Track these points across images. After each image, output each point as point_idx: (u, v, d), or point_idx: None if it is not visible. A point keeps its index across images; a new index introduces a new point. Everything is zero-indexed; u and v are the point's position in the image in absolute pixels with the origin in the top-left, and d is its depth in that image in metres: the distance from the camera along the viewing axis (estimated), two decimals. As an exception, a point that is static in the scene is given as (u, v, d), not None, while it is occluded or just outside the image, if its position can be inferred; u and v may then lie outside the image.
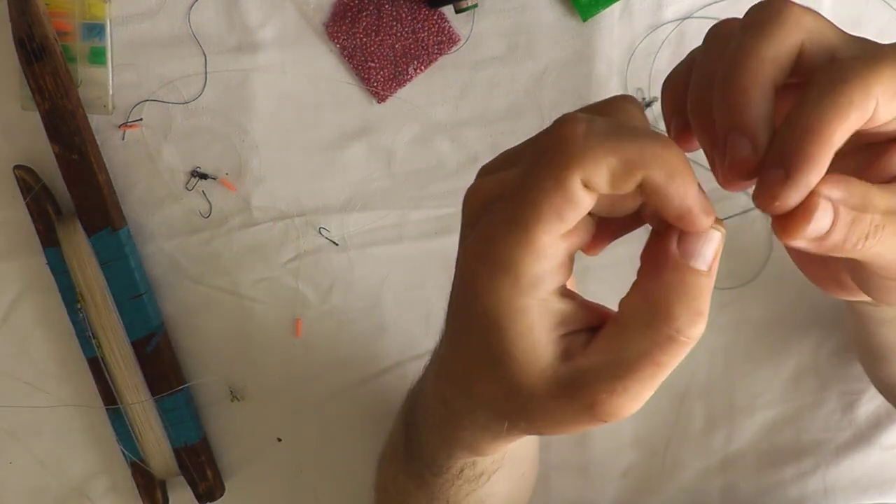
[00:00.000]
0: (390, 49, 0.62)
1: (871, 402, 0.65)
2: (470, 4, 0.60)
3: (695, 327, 0.29)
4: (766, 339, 0.65)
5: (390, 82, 0.62)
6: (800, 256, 0.38)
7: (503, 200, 0.29)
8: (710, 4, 0.61)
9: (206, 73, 0.62)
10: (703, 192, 0.28)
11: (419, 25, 0.62)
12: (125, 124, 0.63)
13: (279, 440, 0.66)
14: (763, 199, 0.28)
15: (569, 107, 0.62)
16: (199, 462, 0.64)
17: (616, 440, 0.66)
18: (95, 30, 0.62)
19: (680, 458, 0.66)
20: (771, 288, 0.64)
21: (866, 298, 0.35)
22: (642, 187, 0.28)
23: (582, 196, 0.27)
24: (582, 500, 0.66)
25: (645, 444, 0.66)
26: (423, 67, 0.62)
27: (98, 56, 0.62)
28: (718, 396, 0.65)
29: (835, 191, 0.28)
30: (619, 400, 0.29)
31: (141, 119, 0.63)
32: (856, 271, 0.34)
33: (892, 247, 0.30)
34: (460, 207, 0.32)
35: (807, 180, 0.27)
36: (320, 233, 0.64)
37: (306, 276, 0.64)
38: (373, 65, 0.62)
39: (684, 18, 0.62)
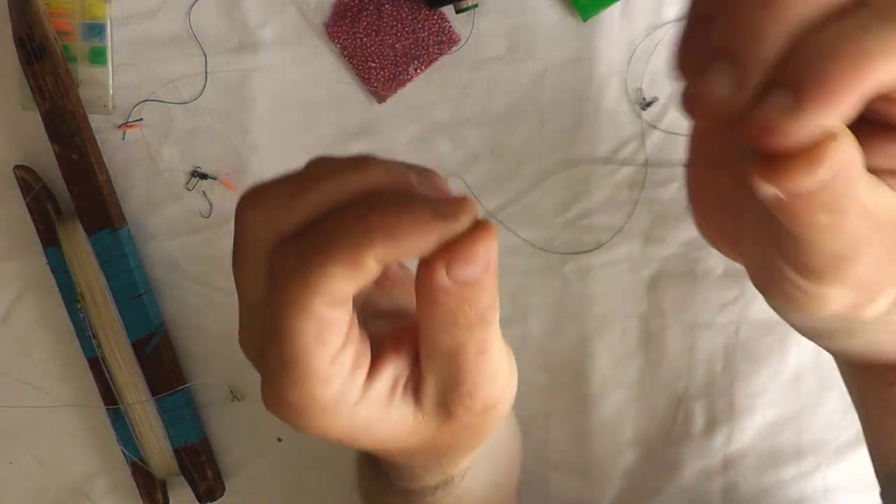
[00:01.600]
0: (390, 49, 0.62)
1: (872, 402, 0.65)
2: (470, 4, 0.60)
3: (494, 315, 0.28)
4: (766, 339, 0.65)
5: (390, 82, 0.62)
6: (708, 204, 0.31)
7: (266, 353, 0.28)
8: (710, 4, 0.61)
9: (206, 73, 0.63)
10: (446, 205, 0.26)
11: (419, 25, 0.62)
12: (125, 124, 0.63)
13: (279, 440, 0.66)
14: (755, 128, 0.22)
15: (569, 107, 0.63)
16: (200, 462, 0.64)
17: (616, 440, 0.66)
18: (96, 30, 0.62)
19: (680, 458, 0.66)
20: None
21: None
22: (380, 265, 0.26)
23: (332, 314, 0.26)
24: (582, 500, 0.66)
25: (645, 444, 0.66)
26: (423, 67, 0.62)
27: (98, 56, 0.62)
28: (718, 396, 0.65)
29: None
30: (486, 392, 0.29)
31: (141, 119, 0.63)
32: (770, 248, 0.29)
33: (843, 238, 0.25)
34: None
35: (823, 112, 0.21)
36: (320, 233, 0.64)
37: (306, 276, 0.64)
38: (373, 65, 0.62)
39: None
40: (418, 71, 0.62)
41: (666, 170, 0.63)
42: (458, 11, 0.60)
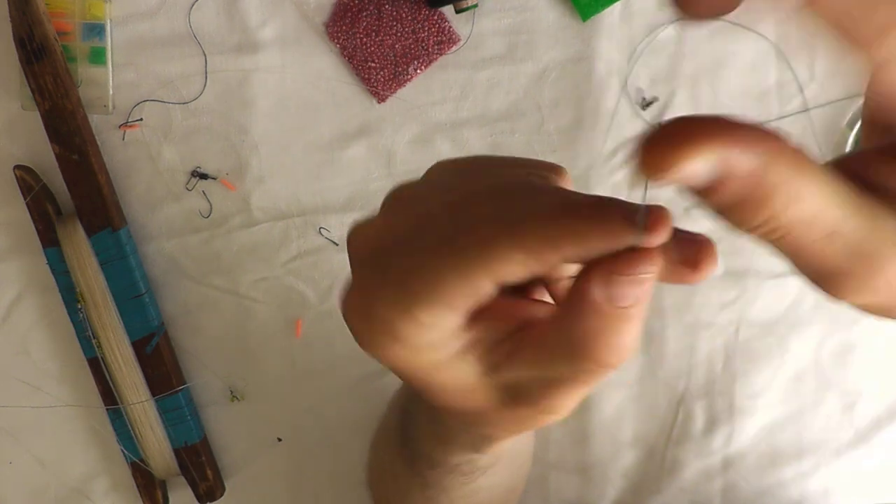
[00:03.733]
0: (390, 49, 0.62)
1: (871, 402, 0.65)
2: (470, 4, 0.60)
3: (618, 360, 0.26)
4: (766, 339, 0.65)
5: (390, 82, 0.62)
6: None
7: (394, 263, 0.26)
8: (710, 4, 0.61)
9: (206, 73, 0.63)
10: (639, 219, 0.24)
11: (419, 25, 0.62)
12: (125, 124, 0.63)
13: (279, 440, 0.66)
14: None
15: (569, 107, 0.63)
16: (200, 462, 0.64)
17: (616, 440, 0.66)
18: (95, 30, 0.62)
19: (680, 458, 0.66)
20: (771, 287, 0.64)
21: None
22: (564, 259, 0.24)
23: (487, 290, 0.25)
24: (582, 500, 0.66)
25: (645, 444, 0.66)
26: (423, 67, 0.62)
27: (98, 56, 0.62)
28: (718, 396, 0.65)
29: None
30: (557, 403, 0.28)
31: (141, 119, 0.63)
32: None
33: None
34: None
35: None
36: (320, 233, 0.64)
37: (306, 276, 0.64)
38: (373, 65, 0.62)
39: (684, 18, 0.62)
40: (418, 71, 0.62)
41: (666, 170, 0.63)
42: (458, 11, 0.60)
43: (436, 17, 0.62)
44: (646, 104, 0.62)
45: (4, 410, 0.66)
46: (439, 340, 0.26)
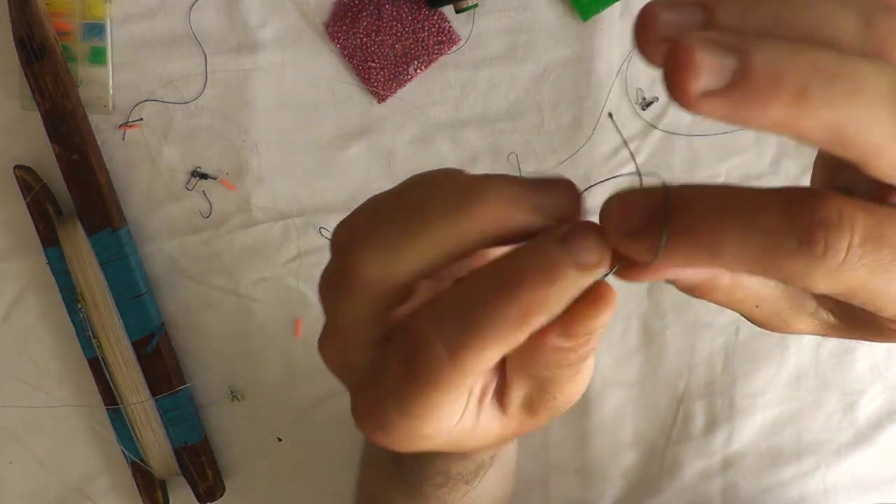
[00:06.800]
0: (390, 49, 0.62)
1: (871, 402, 0.65)
2: (470, 4, 0.60)
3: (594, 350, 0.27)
4: (766, 339, 0.65)
5: (390, 82, 0.62)
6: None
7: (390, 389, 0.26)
8: (710, 4, 0.61)
9: (206, 73, 0.63)
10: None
11: (419, 25, 0.62)
12: (125, 124, 0.63)
13: (279, 440, 0.66)
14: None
15: (569, 106, 0.63)
16: (200, 462, 0.64)
17: (616, 440, 0.66)
18: (95, 29, 0.62)
19: (680, 458, 0.66)
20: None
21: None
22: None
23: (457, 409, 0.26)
24: (582, 500, 0.66)
25: (645, 444, 0.66)
26: (423, 67, 0.62)
27: (98, 56, 0.62)
28: (718, 396, 0.65)
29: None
30: (570, 396, 0.30)
31: (141, 119, 0.63)
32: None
33: None
34: None
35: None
36: (320, 233, 0.64)
37: (306, 275, 0.64)
38: (373, 65, 0.62)
39: (684, 18, 0.62)
40: (418, 71, 0.62)
41: (666, 170, 0.63)
42: (458, 11, 0.60)
43: (436, 17, 0.62)
44: (646, 104, 0.62)
45: (4, 410, 0.66)
46: (452, 417, 0.27)
